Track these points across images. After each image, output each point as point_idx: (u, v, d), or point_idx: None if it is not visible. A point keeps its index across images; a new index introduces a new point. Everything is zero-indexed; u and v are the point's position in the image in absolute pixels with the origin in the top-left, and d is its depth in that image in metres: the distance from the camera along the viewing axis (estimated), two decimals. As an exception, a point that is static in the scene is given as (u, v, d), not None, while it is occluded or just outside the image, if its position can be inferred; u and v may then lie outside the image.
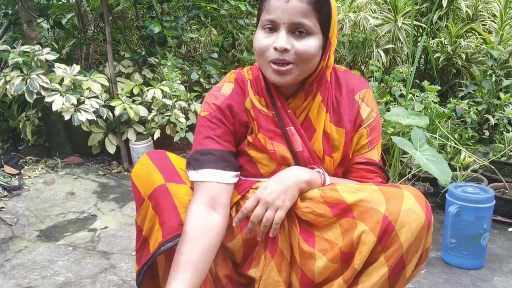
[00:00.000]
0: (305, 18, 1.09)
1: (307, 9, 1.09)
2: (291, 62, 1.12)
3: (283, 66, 1.12)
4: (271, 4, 1.10)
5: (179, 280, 1.07)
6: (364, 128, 1.26)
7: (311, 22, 1.10)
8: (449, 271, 1.89)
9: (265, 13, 1.12)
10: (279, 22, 1.10)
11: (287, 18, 1.09)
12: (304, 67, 1.14)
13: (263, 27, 1.13)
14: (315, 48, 1.12)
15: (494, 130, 3.29)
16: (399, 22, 3.75)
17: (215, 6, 3.82)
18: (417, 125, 2.10)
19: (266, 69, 1.16)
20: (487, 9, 4.13)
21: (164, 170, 1.22)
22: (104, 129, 3.12)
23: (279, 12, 1.09)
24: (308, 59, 1.13)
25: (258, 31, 1.15)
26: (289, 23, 1.09)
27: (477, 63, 3.95)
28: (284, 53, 1.10)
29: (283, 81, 1.15)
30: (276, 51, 1.11)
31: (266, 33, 1.13)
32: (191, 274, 1.08)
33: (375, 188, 1.10)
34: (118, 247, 2.09)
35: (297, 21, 1.09)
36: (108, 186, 2.85)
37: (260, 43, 1.13)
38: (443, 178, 1.83)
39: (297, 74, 1.14)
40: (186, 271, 1.08)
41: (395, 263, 1.05)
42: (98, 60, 3.61)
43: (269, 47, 1.12)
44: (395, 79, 2.88)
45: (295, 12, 1.08)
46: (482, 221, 1.84)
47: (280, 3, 1.09)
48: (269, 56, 1.12)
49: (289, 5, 1.08)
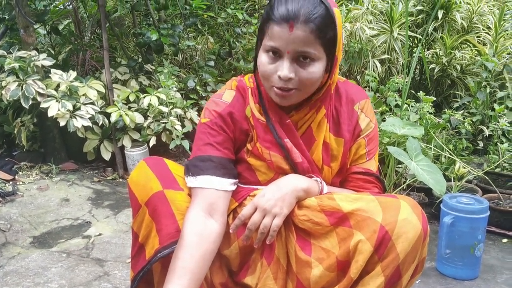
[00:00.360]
0: (309, 46, 1.08)
1: (311, 38, 1.07)
2: (294, 88, 1.12)
3: (286, 91, 1.12)
4: (275, 31, 1.09)
5: (176, 285, 1.07)
6: (362, 138, 1.27)
7: (316, 50, 1.09)
8: (443, 281, 1.90)
9: (268, 39, 1.11)
10: (283, 51, 1.09)
11: (291, 48, 1.08)
12: (307, 91, 1.15)
13: (266, 51, 1.13)
14: (319, 74, 1.12)
15: (488, 141, 3.32)
16: (394, 33, 3.78)
17: (212, 14, 3.84)
18: (412, 135, 2.11)
19: (269, 90, 1.16)
20: (482, 21, 4.18)
21: (161, 176, 1.22)
22: (100, 136, 3.11)
23: (282, 42, 1.08)
24: (311, 85, 1.14)
25: (262, 54, 1.14)
26: (293, 52, 1.09)
27: (472, 74, 3.98)
28: (288, 81, 1.11)
29: (285, 103, 1.16)
30: (280, 79, 1.11)
31: (270, 58, 1.12)
32: (188, 279, 1.08)
33: (372, 198, 1.11)
34: (112, 254, 2.08)
35: (301, 50, 1.08)
36: (102, 193, 2.84)
37: (265, 68, 1.13)
38: (438, 188, 1.85)
39: (299, 97, 1.16)
40: (182, 276, 1.08)
41: (392, 273, 1.05)
42: (94, 67, 3.61)
43: (273, 74, 1.12)
44: (391, 89, 2.90)
45: (299, 42, 1.07)
46: (477, 231, 1.84)
47: (284, 32, 1.07)
48: (273, 82, 1.13)
49: (292, 35, 1.07)
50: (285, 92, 1.12)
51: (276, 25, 1.08)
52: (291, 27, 1.06)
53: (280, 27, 1.08)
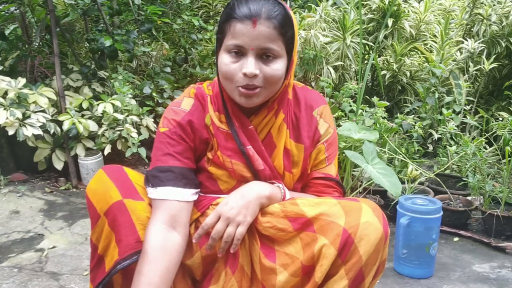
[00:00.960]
0: (272, 43, 1.10)
1: (273, 34, 1.09)
2: (259, 86, 1.12)
3: (251, 90, 1.12)
4: (237, 29, 1.09)
5: None
6: (322, 143, 1.28)
7: (278, 46, 1.11)
8: (401, 281, 1.95)
9: (231, 38, 1.11)
10: (247, 48, 1.10)
11: (255, 44, 1.09)
12: (272, 89, 1.16)
13: (228, 51, 1.12)
14: (282, 71, 1.14)
15: (438, 144, 3.46)
16: (347, 40, 3.87)
17: (167, 21, 3.80)
18: (368, 140, 2.17)
19: (232, 92, 1.15)
20: (429, 30, 4.36)
21: (121, 185, 1.19)
22: (51, 145, 3.00)
23: (246, 38, 1.09)
24: (276, 82, 1.14)
25: (223, 55, 1.13)
26: (257, 48, 1.10)
27: (421, 80, 4.14)
28: (253, 78, 1.11)
29: (251, 104, 1.15)
30: (245, 76, 1.10)
31: (233, 57, 1.12)
32: None
33: (334, 202, 1.13)
34: (68, 267, 2.00)
35: (265, 46, 1.10)
36: (55, 203, 2.73)
37: (228, 68, 1.12)
38: (393, 190, 1.90)
39: (264, 96, 1.16)
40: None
41: (355, 275, 1.07)
42: (44, 73, 3.49)
43: (237, 72, 1.11)
44: (345, 95, 2.97)
45: (263, 38, 1.09)
46: (431, 231, 1.91)
47: (247, 29, 1.08)
48: (237, 82, 1.12)
49: (256, 31, 1.08)
50: (250, 91, 1.12)
51: (239, 22, 1.09)
52: (254, 23, 1.08)
53: (243, 24, 1.08)
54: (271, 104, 1.21)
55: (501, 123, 2.86)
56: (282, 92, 1.21)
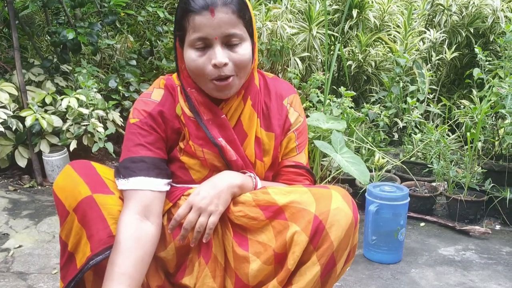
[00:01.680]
0: (234, 27, 1.10)
1: (233, 19, 1.09)
2: (232, 75, 1.12)
3: (224, 80, 1.12)
4: (197, 21, 1.08)
5: None
6: (292, 132, 1.30)
7: (240, 30, 1.11)
8: (371, 266, 2.00)
9: (192, 32, 1.10)
10: (211, 38, 1.09)
11: (218, 33, 1.08)
12: (243, 75, 1.16)
13: (193, 46, 1.11)
14: (249, 54, 1.14)
15: (403, 133, 3.54)
16: (313, 31, 3.90)
17: (131, 12, 3.72)
18: (336, 129, 2.20)
19: (205, 86, 1.15)
20: (392, 20, 4.44)
21: (90, 180, 1.17)
22: (14, 141, 2.91)
23: (208, 29, 1.08)
24: (246, 66, 1.14)
25: (188, 51, 1.12)
26: (221, 36, 1.09)
27: (385, 70, 4.22)
28: (224, 68, 1.10)
29: (227, 95, 1.16)
30: (215, 67, 1.10)
31: (199, 51, 1.11)
32: (127, 286, 1.05)
33: (305, 190, 1.14)
34: (35, 267, 1.95)
35: (228, 32, 1.09)
36: (20, 202, 2.66)
37: (196, 63, 1.11)
38: (362, 178, 1.94)
39: (238, 85, 1.16)
40: (121, 283, 1.04)
41: (327, 261, 1.08)
42: (3, 68, 3.37)
43: (206, 65, 1.11)
44: (312, 85, 3.00)
45: (224, 24, 1.08)
46: (399, 217, 1.96)
47: (207, 19, 1.07)
48: (209, 75, 1.11)
49: (216, 20, 1.08)
50: (224, 81, 1.12)
51: (196, 15, 1.08)
52: (212, 12, 1.07)
53: (201, 16, 1.08)
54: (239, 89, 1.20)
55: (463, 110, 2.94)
56: (249, 76, 1.21)
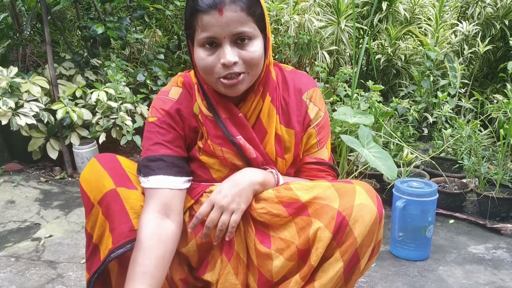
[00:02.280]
0: (243, 26, 1.07)
1: (242, 16, 1.06)
2: (242, 72, 1.10)
3: (234, 78, 1.10)
4: (205, 21, 1.06)
5: None
6: (312, 128, 1.27)
7: (250, 28, 1.08)
8: (397, 263, 1.96)
9: (201, 31, 1.08)
10: (219, 38, 1.07)
11: (226, 32, 1.06)
12: (255, 73, 1.13)
13: (202, 45, 1.09)
14: (260, 51, 1.11)
15: (433, 128, 3.46)
16: (342, 24, 3.85)
17: (160, 7, 3.75)
18: (363, 124, 2.16)
19: (215, 84, 1.13)
20: (423, 13, 4.33)
21: (114, 174, 1.18)
22: (45, 134, 2.99)
23: (216, 28, 1.06)
24: (257, 64, 1.12)
25: (197, 50, 1.11)
26: (230, 35, 1.07)
27: (415, 64, 4.12)
28: (233, 66, 1.08)
29: (236, 92, 1.13)
30: (224, 66, 1.08)
31: (208, 50, 1.09)
32: (148, 285, 1.07)
33: (328, 185, 1.12)
34: (65, 256, 2.00)
35: (237, 31, 1.07)
36: (51, 193, 2.73)
37: (205, 62, 1.09)
38: (389, 174, 1.90)
39: (248, 82, 1.13)
40: (143, 282, 1.06)
41: (350, 257, 1.07)
42: (36, 62, 3.45)
43: (215, 64, 1.09)
44: (340, 79, 2.96)
45: (232, 23, 1.06)
46: (427, 214, 1.92)
47: (215, 18, 1.05)
48: (218, 73, 1.10)
49: (224, 18, 1.05)
50: (233, 80, 1.10)
51: (205, 14, 1.06)
52: (220, 11, 1.05)
53: (209, 15, 1.05)
54: (256, 87, 1.18)
55: (496, 105, 2.85)
56: (265, 73, 1.18)
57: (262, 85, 1.19)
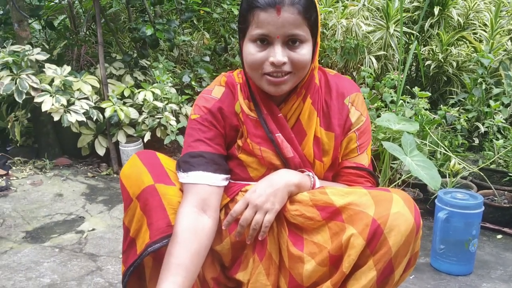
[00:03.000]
0: (298, 28, 1.08)
1: (298, 19, 1.08)
2: (288, 72, 1.11)
3: (279, 77, 1.11)
4: (261, 18, 1.08)
5: (170, 282, 1.06)
6: (353, 132, 1.25)
7: (304, 31, 1.10)
8: (437, 277, 1.89)
9: (255, 27, 1.09)
10: (272, 37, 1.08)
11: (281, 32, 1.07)
12: (300, 74, 1.14)
13: (253, 40, 1.11)
14: (309, 55, 1.12)
15: (484, 138, 3.31)
16: (391, 29, 3.77)
17: (208, 10, 3.81)
18: (407, 131, 2.11)
19: (260, 80, 1.14)
20: (478, 18, 4.17)
21: (153, 170, 1.21)
22: (94, 131, 3.10)
23: (271, 27, 1.07)
24: (304, 67, 1.13)
25: (248, 44, 1.12)
26: (284, 35, 1.08)
27: (468, 71, 3.97)
28: (281, 66, 1.10)
29: (279, 92, 1.14)
30: (273, 65, 1.09)
31: (258, 46, 1.11)
32: (183, 277, 1.07)
33: (364, 192, 1.10)
34: (105, 249, 2.07)
35: (291, 33, 1.08)
36: (96, 188, 2.82)
37: (254, 57, 1.11)
38: (432, 184, 1.84)
39: (293, 83, 1.15)
40: (177, 274, 1.07)
41: (384, 267, 1.04)
42: (89, 62, 3.59)
43: (264, 61, 1.10)
44: (386, 85, 2.89)
45: (288, 24, 1.07)
46: (471, 227, 1.84)
47: (272, 17, 1.06)
48: (265, 69, 1.11)
49: (280, 19, 1.06)
50: (279, 78, 1.11)
51: (262, 11, 1.07)
52: (278, 11, 1.06)
53: (267, 13, 1.07)
54: (299, 89, 1.19)
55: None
56: (309, 76, 1.19)
57: (304, 88, 1.20)
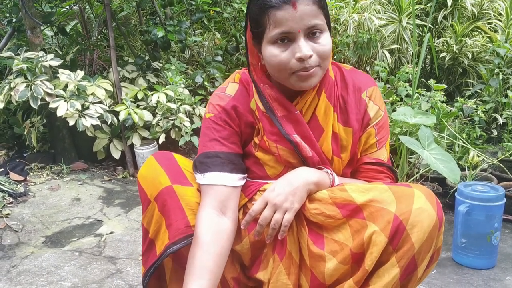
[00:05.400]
0: (316, 18, 1.08)
1: (314, 9, 1.07)
2: (316, 65, 1.10)
3: (308, 70, 1.09)
4: (278, 16, 1.06)
5: (196, 286, 1.07)
6: (372, 127, 1.24)
7: (321, 20, 1.09)
8: (460, 271, 1.86)
9: (273, 28, 1.08)
10: (294, 32, 1.07)
11: (301, 25, 1.07)
12: (325, 65, 1.14)
13: (274, 41, 1.09)
14: (330, 44, 1.12)
15: (503, 129, 3.25)
16: (403, 22, 3.72)
17: (218, 9, 3.81)
18: (424, 124, 2.07)
19: (287, 79, 1.12)
20: (493, 8, 4.10)
21: (170, 171, 1.21)
22: (109, 135, 3.11)
23: (291, 22, 1.06)
24: (328, 56, 1.12)
25: (268, 47, 1.10)
26: (304, 28, 1.07)
27: (484, 62, 3.91)
28: (309, 60, 1.08)
29: (309, 85, 1.13)
30: (300, 60, 1.08)
31: (280, 46, 1.09)
32: (208, 280, 1.08)
33: (385, 188, 1.08)
34: (124, 252, 2.08)
35: (311, 24, 1.07)
36: (113, 191, 2.84)
37: (279, 58, 1.09)
38: (452, 177, 1.81)
39: (320, 75, 1.13)
40: (202, 277, 1.07)
41: (407, 263, 1.02)
42: (102, 66, 3.62)
43: (290, 60, 1.09)
44: (401, 79, 2.86)
45: (306, 16, 1.06)
46: (493, 220, 1.81)
47: (289, 13, 1.06)
48: (292, 68, 1.09)
49: (298, 12, 1.06)
50: (308, 72, 1.09)
51: (277, 10, 1.06)
52: (294, 5, 1.05)
53: (283, 10, 1.06)
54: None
55: None
56: None
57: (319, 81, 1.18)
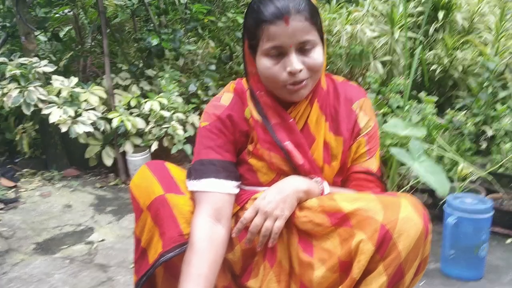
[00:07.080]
0: (308, 34, 1.11)
1: (307, 26, 1.11)
2: (306, 78, 1.14)
3: (298, 84, 1.14)
4: (271, 31, 1.10)
5: None
6: (362, 136, 1.26)
7: (313, 36, 1.12)
8: (448, 282, 1.88)
9: (266, 41, 1.12)
10: (285, 47, 1.11)
11: (293, 41, 1.10)
12: (316, 77, 1.17)
13: (267, 54, 1.13)
14: (322, 57, 1.15)
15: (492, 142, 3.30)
16: (395, 34, 3.77)
17: (212, 19, 3.84)
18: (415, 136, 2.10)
19: (280, 90, 1.17)
20: (483, 22, 4.16)
21: (163, 180, 1.22)
22: (101, 141, 3.11)
23: (283, 37, 1.10)
24: (319, 69, 1.16)
25: (262, 59, 1.15)
26: (296, 43, 1.11)
27: (474, 75, 3.96)
28: (299, 73, 1.12)
29: (300, 97, 1.17)
30: (290, 74, 1.12)
31: (273, 59, 1.13)
32: (203, 287, 1.09)
33: (372, 197, 1.10)
34: (115, 260, 2.07)
35: (302, 39, 1.11)
36: (105, 198, 2.84)
37: (271, 71, 1.14)
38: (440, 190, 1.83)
39: (310, 87, 1.17)
40: (198, 284, 1.09)
41: (394, 271, 1.04)
42: (95, 73, 3.62)
43: (281, 72, 1.13)
44: (393, 90, 2.89)
45: (298, 32, 1.10)
46: (481, 232, 1.83)
47: (282, 28, 1.09)
48: (283, 81, 1.14)
49: (290, 28, 1.09)
50: (299, 85, 1.13)
51: (271, 25, 1.09)
52: (286, 21, 1.08)
53: (276, 25, 1.09)
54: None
55: (561, 119, 2.69)
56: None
57: (311, 91, 1.21)
